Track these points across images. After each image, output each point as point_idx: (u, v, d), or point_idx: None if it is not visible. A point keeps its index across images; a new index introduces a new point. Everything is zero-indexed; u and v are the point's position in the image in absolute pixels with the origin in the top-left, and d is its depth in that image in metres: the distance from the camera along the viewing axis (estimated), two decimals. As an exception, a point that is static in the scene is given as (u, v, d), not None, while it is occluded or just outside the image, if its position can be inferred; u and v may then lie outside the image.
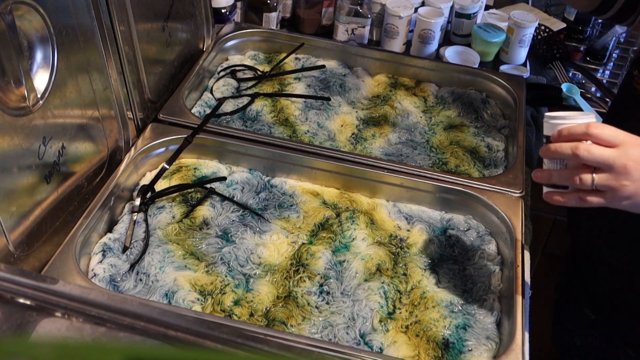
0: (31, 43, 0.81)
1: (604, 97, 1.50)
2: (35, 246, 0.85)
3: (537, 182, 0.79)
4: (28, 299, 0.58)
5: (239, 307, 0.88)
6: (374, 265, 0.96)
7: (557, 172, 0.76)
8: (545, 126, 0.78)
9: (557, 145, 0.74)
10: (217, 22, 1.40)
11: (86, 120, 0.94)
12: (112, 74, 0.99)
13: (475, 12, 1.58)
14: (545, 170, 0.78)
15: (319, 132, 1.19)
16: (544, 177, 0.78)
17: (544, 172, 0.78)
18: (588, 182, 0.73)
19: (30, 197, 0.84)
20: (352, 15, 1.52)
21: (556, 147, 0.74)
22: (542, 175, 0.78)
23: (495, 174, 1.13)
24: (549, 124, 0.78)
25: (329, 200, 1.07)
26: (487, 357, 0.85)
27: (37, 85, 0.82)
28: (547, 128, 0.78)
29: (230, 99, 1.24)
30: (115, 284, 0.90)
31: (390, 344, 0.86)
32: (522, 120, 1.21)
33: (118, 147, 1.03)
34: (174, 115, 1.13)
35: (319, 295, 0.91)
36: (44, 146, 0.84)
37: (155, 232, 0.97)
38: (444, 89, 1.35)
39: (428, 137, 1.21)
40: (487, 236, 1.02)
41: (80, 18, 0.89)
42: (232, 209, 1.02)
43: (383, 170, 1.07)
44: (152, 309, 0.56)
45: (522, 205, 1.03)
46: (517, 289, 0.89)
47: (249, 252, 0.96)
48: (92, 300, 0.57)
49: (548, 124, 0.78)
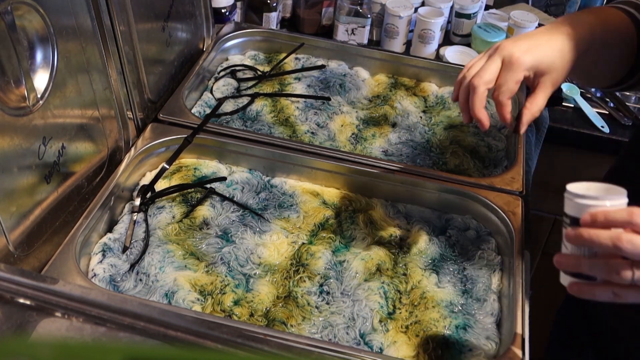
0: (31, 43, 0.81)
1: (603, 97, 1.50)
2: (35, 246, 0.85)
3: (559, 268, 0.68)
4: (28, 299, 0.58)
5: (239, 307, 0.88)
6: (374, 265, 0.96)
7: (587, 262, 0.65)
8: (569, 204, 0.67)
9: (593, 232, 0.63)
10: (217, 22, 1.40)
11: (86, 120, 0.94)
12: (112, 74, 0.99)
13: (475, 12, 1.58)
14: (572, 257, 0.66)
15: (319, 132, 1.19)
16: (570, 264, 0.66)
17: (569, 259, 0.66)
18: (628, 277, 0.63)
19: (30, 197, 0.84)
20: (352, 15, 1.52)
21: (591, 234, 0.63)
22: (567, 263, 0.67)
23: (495, 174, 1.13)
24: (575, 203, 0.67)
25: (329, 200, 1.07)
26: (487, 357, 0.85)
27: (37, 85, 0.82)
28: (572, 207, 0.67)
29: (230, 99, 1.24)
30: (115, 284, 0.90)
31: (390, 344, 0.86)
32: (522, 120, 1.21)
33: (118, 147, 1.03)
34: (174, 115, 1.13)
35: (319, 295, 0.91)
36: (44, 146, 0.84)
37: (155, 232, 0.97)
38: (444, 89, 1.35)
39: (428, 137, 1.21)
40: (487, 236, 1.02)
41: (80, 18, 0.89)
42: (232, 209, 1.02)
43: (383, 170, 1.07)
44: (152, 309, 0.56)
45: (522, 205, 1.03)
46: (517, 289, 0.89)
47: (249, 252, 0.96)
48: (92, 300, 0.57)
49: (574, 202, 0.67)
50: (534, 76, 0.81)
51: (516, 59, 0.79)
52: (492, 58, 0.81)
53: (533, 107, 0.83)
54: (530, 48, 0.80)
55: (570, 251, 0.67)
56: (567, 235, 0.66)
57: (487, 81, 0.80)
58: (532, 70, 0.80)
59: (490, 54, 0.82)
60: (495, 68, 0.80)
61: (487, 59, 0.82)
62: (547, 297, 1.16)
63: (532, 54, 0.80)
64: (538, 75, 0.82)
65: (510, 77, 0.79)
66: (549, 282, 1.20)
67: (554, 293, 1.20)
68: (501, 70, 0.80)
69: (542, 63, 0.80)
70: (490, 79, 0.80)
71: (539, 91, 0.82)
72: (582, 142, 1.42)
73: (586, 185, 0.68)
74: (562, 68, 0.81)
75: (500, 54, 0.81)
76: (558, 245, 0.70)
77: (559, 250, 0.69)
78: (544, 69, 0.81)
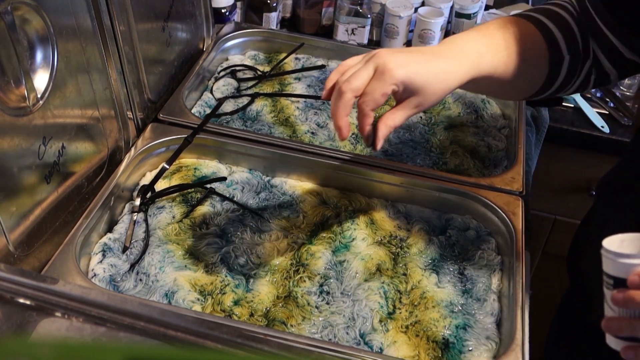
0: (31, 43, 0.81)
1: (604, 97, 1.50)
2: (35, 246, 0.85)
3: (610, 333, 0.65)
4: (28, 299, 0.58)
5: (239, 307, 0.88)
6: (374, 265, 0.96)
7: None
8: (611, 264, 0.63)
9: None
10: (217, 22, 1.40)
11: (86, 120, 0.94)
12: (112, 74, 0.99)
13: (475, 12, 1.58)
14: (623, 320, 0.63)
15: (319, 132, 1.19)
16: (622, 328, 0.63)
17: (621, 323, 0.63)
18: None
19: (30, 197, 0.84)
20: (352, 15, 1.52)
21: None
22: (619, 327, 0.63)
23: (495, 174, 1.13)
24: (619, 263, 0.62)
25: (329, 200, 1.07)
26: (487, 357, 0.85)
27: (37, 85, 0.82)
28: (616, 268, 0.63)
29: (230, 99, 1.24)
30: (115, 284, 0.90)
31: (390, 344, 0.86)
32: (522, 120, 1.21)
33: (118, 147, 1.03)
34: (174, 115, 1.13)
35: (319, 295, 0.91)
36: (44, 146, 0.84)
37: (155, 232, 0.97)
38: (444, 89, 1.35)
39: (428, 137, 1.21)
40: (487, 236, 1.02)
41: (80, 18, 0.89)
42: (232, 209, 1.02)
43: (383, 170, 1.07)
44: (152, 309, 0.56)
45: (522, 205, 1.03)
46: (517, 289, 0.89)
47: (249, 252, 0.96)
48: (92, 300, 0.57)
49: (618, 263, 0.62)
50: (402, 92, 0.77)
51: (388, 71, 0.75)
52: (367, 65, 0.76)
53: (389, 122, 0.78)
54: (407, 63, 0.76)
55: (618, 313, 0.63)
56: (615, 299, 0.62)
57: (355, 88, 0.76)
58: (402, 86, 0.76)
59: (367, 60, 0.77)
60: (367, 76, 0.76)
61: (363, 64, 0.77)
62: (547, 297, 1.16)
63: (406, 69, 0.75)
64: (407, 93, 0.77)
65: (378, 87, 0.75)
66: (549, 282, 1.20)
67: (554, 293, 1.20)
68: (372, 79, 0.76)
69: (414, 82, 0.76)
70: (359, 86, 0.76)
71: (401, 109, 0.78)
72: (582, 142, 1.42)
73: (620, 237, 0.64)
74: (433, 93, 0.78)
75: (375, 62, 0.76)
76: (558, 245, 0.70)
77: (559, 250, 0.69)
78: (414, 88, 0.77)
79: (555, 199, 1.54)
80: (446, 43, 0.83)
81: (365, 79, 0.76)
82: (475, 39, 0.83)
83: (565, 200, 1.53)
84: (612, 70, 0.88)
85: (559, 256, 1.54)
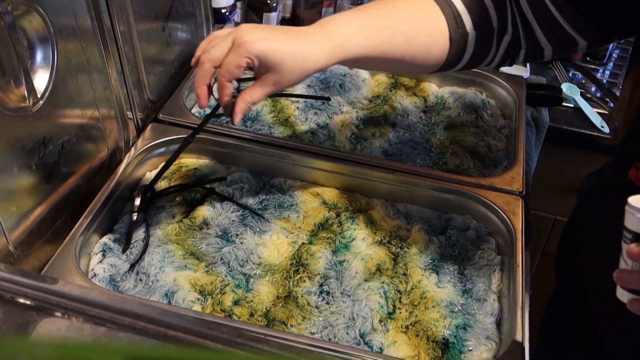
0: (31, 43, 0.81)
1: (604, 97, 1.50)
2: (35, 246, 0.85)
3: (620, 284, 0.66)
4: (28, 299, 0.58)
5: (239, 307, 0.88)
6: (374, 265, 0.96)
7: None
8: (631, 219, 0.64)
9: None
10: (217, 22, 1.40)
11: (86, 120, 0.94)
12: (112, 74, 0.99)
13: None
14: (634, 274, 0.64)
15: (318, 132, 1.19)
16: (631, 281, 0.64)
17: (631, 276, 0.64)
18: None
19: (30, 197, 0.84)
20: (352, 15, 1.52)
21: None
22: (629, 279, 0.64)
23: (495, 174, 1.13)
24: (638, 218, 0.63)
25: (329, 200, 1.07)
26: (487, 357, 0.85)
27: (37, 85, 0.82)
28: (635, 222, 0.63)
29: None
30: (115, 284, 0.90)
31: (390, 344, 0.86)
32: (522, 120, 1.21)
33: (118, 147, 1.03)
34: (174, 115, 1.13)
35: (319, 295, 0.91)
36: (44, 146, 0.84)
37: (155, 232, 0.97)
38: (444, 89, 1.35)
39: (428, 137, 1.21)
40: (486, 236, 1.02)
41: (80, 18, 0.89)
42: (232, 209, 1.02)
43: (383, 170, 1.07)
44: (152, 309, 0.56)
45: (522, 205, 1.03)
46: (517, 289, 0.89)
47: (249, 252, 0.96)
48: (92, 300, 0.57)
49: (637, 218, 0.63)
50: (259, 67, 0.78)
51: (243, 43, 0.75)
52: (227, 37, 0.78)
53: (246, 98, 0.80)
54: (265, 38, 0.76)
55: (631, 267, 0.64)
56: (631, 251, 0.63)
57: (213, 59, 0.77)
58: (257, 60, 0.76)
59: (229, 33, 0.79)
60: (225, 48, 0.77)
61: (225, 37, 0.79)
62: (547, 298, 1.16)
63: (263, 44, 0.76)
64: (263, 69, 0.78)
65: (233, 59, 0.76)
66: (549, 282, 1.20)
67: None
68: (230, 51, 0.77)
69: (269, 58, 0.76)
70: (217, 57, 0.77)
71: (259, 86, 0.79)
72: (582, 142, 1.42)
73: None
74: (289, 72, 0.78)
75: (234, 35, 0.77)
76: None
77: (559, 250, 0.69)
78: (269, 65, 0.77)
79: (555, 199, 1.54)
80: (317, 24, 0.82)
81: (224, 50, 0.77)
82: (348, 20, 0.82)
83: (565, 200, 1.53)
84: (547, 45, 0.87)
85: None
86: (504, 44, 0.88)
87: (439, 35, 0.86)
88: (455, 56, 0.88)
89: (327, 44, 0.79)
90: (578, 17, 0.83)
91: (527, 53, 0.90)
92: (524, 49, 0.89)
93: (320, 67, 0.80)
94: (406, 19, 0.84)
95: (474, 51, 0.88)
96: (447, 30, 0.85)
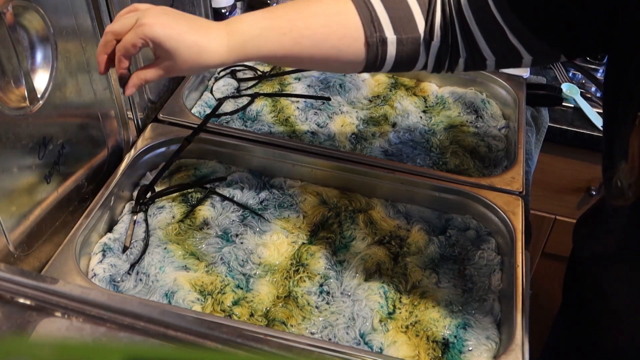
0: (31, 43, 0.81)
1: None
2: (35, 246, 0.85)
3: None
4: (28, 299, 0.58)
5: (239, 307, 0.88)
6: (374, 265, 0.96)
7: None
8: None
9: None
10: (217, 22, 1.40)
11: (86, 120, 0.94)
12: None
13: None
14: None
15: (319, 132, 1.19)
16: None
17: None
18: None
19: (30, 197, 0.84)
20: (352, 15, 1.52)
21: None
22: None
23: (495, 174, 1.13)
24: None
25: (329, 200, 1.07)
26: (487, 357, 0.85)
27: (37, 85, 0.82)
28: None
29: (230, 99, 1.24)
30: (115, 284, 0.90)
31: (390, 344, 0.86)
32: (522, 120, 1.21)
33: (118, 147, 1.03)
34: (174, 115, 1.13)
35: (319, 295, 0.91)
36: (44, 146, 0.84)
37: (155, 232, 0.97)
38: (444, 88, 1.35)
39: (428, 137, 1.21)
40: (486, 236, 1.02)
41: (80, 18, 0.89)
42: (232, 209, 1.02)
43: (383, 170, 1.07)
44: (152, 309, 0.56)
45: (522, 205, 1.03)
46: (517, 289, 0.89)
47: (249, 252, 0.96)
48: (92, 300, 0.57)
49: None
50: (155, 50, 0.79)
51: (142, 25, 0.77)
52: (133, 15, 0.80)
53: (140, 75, 0.81)
54: (164, 25, 0.77)
55: None
56: None
57: (115, 31, 0.79)
58: (152, 44, 0.78)
59: (140, 11, 0.80)
60: (129, 24, 0.79)
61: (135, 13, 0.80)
62: (547, 298, 1.16)
63: (161, 29, 0.77)
64: (160, 52, 0.79)
65: (130, 38, 0.78)
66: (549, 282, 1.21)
67: (554, 293, 1.20)
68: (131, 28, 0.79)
69: (164, 44, 0.77)
70: (119, 31, 0.79)
71: (153, 67, 0.81)
72: (582, 142, 1.42)
73: None
74: (183, 62, 0.79)
75: (139, 15, 0.79)
76: (558, 245, 0.70)
77: (559, 250, 0.69)
78: (165, 50, 0.78)
79: (555, 199, 1.54)
80: (225, 21, 0.83)
81: (127, 27, 0.79)
82: (253, 21, 0.82)
83: (565, 200, 1.53)
84: (489, 55, 0.84)
85: (559, 256, 1.54)
86: (433, 50, 0.86)
87: (351, 39, 0.84)
88: (376, 60, 0.86)
89: (227, 42, 0.80)
90: (526, 31, 0.80)
91: (467, 61, 0.87)
92: (462, 57, 0.87)
93: (217, 63, 0.81)
94: (314, 22, 0.83)
95: (397, 56, 0.86)
96: (362, 33, 0.84)
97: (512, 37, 0.81)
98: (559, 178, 1.51)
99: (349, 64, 0.87)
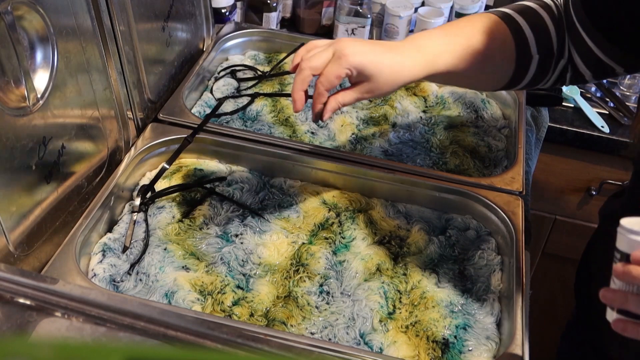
0: (31, 43, 0.81)
1: (604, 97, 1.50)
2: (35, 246, 0.85)
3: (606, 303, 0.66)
4: (28, 299, 0.58)
5: (239, 307, 0.88)
6: (373, 265, 0.96)
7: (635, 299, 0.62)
8: (621, 240, 0.64)
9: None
10: (217, 22, 1.40)
11: (86, 120, 0.94)
12: (112, 74, 0.99)
13: (475, 12, 1.58)
14: (619, 293, 0.63)
15: (319, 132, 1.19)
16: (616, 300, 0.64)
17: (617, 295, 0.64)
18: None
19: (30, 197, 0.84)
20: (352, 15, 1.52)
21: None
22: (614, 298, 0.64)
23: (495, 174, 1.13)
24: (627, 238, 0.63)
25: (329, 200, 1.07)
26: (487, 357, 0.85)
27: (37, 85, 0.82)
28: (624, 243, 0.63)
29: (230, 99, 1.24)
30: (115, 284, 0.90)
31: (390, 344, 0.86)
32: (522, 120, 1.21)
33: (118, 147, 1.03)
34: (174, 115, 1.13)
35: (319, 295, 0.91)
36: (44, 146, 0.84)
37: (155, 232, 0.97)
38: (444, 88, 1.35)
39: (428, 137, 1.21)
40: (486, 236, 1.02)
41: (80, 18, 0.89)
42: (232, 209, 1.02)
43: (383, 170, 1.07)
44: (152, 309, 0.56)
45: (522, 205, 1.03)
46: (517, 289, 0.89)
47: (249, 252, 0.96)
48: (92, 300, 0.57)
49: (627, 238, 0.63)
50: (356, 77, 0.83)
51: (344, 56, 0.81)
52: (328, 49, 0.83)
53: (339, 98, 0.84)
54: (363, 52, 0.82)
55: (618, 287, 0.64)
56: (616, 271, 0.63)
57: (313, 67, 0.82)
58: (356, 71, 0.82)
59: (330, 44, 0.84)
60: (326, 58, 0.82)
61: (325, 48, 0.84)
62: (547, 297, 1.16)
63: (361, 57, 0.81)
64: (360, 78, 0.83)
65: (333, 70, 0.81)
66: (549, 282, 1.21)
67: (553, 293, 1.20)
68: (330, 62, 0.82)
69: (367, 69, 0.82)
70: (317, 66, 0.82)
71: (353, 91, 0.85)
72: (582, 142, 1.42)
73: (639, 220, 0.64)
74: (385, 82, 0.83)
75: (335, 47, 0.83)
76: (558, 245, 0.70)
77: (559, 250, 0.69)
78: (367, 75, 0.82)
79: (555, 199, 1.54)
80: (408, 40, 0.88)
81: (324, 60, 0.83)
82: (436, 38, 0.88)
83: (565, 200, 1.53)
84: (586, 71, 0.91)
85: (559, 256, 1.54)
86: (560, 67, 0.92)
87: (508, 58, 0.91)
88: (517, 77, 0.93)
89: (419, 59, 0.85)
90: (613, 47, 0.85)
91: (572, 77, 0.94)
92: (569, 72, 0.93)
93: (412, 79, 0.86)
94: (481, 41, 0.89)
95: (534, 73, 0.92)
96: (514, 52, 0.90)
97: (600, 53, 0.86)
98: (559, 178, 1.51)
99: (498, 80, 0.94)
